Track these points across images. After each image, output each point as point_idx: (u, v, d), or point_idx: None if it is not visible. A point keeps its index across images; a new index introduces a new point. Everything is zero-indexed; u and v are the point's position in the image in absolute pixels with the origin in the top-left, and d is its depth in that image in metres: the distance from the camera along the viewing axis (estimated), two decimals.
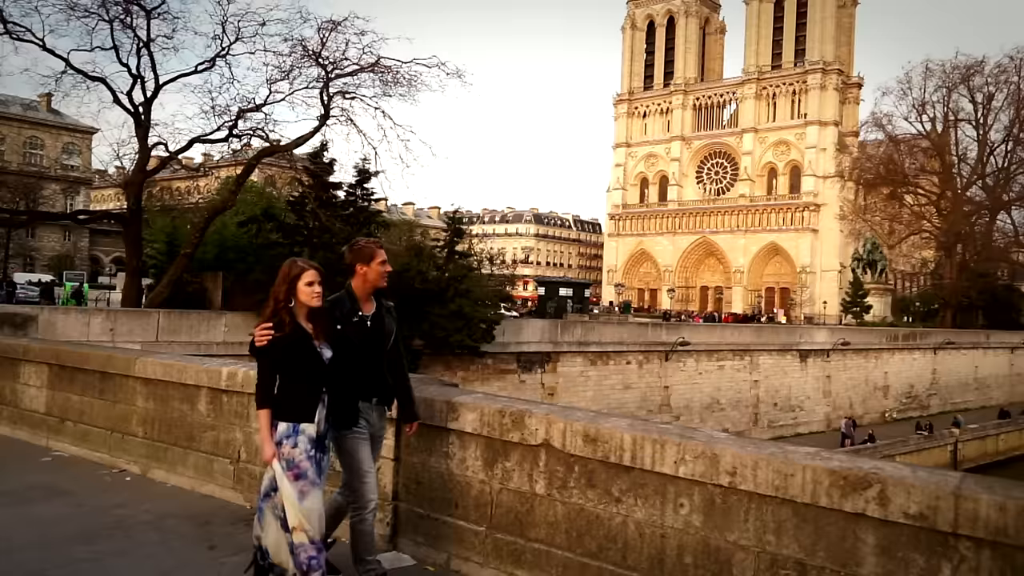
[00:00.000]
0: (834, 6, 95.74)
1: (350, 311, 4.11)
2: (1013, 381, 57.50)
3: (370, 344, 4.15)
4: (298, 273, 3.88)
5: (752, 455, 3.49)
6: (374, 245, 4.28)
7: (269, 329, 3.79)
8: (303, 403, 3.82)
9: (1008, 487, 3.01)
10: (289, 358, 3.81)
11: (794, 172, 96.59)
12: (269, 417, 3.79)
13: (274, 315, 3.82)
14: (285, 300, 3.85)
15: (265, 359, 3.84)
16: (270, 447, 3.76)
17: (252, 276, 21.48)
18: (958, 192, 62.72)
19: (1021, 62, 60.57)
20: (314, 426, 3.83)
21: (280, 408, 3.80)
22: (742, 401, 38.00)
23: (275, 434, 3.76)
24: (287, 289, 3.86)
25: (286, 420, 3.78)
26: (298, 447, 3.75)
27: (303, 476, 3.74)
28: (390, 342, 4.27)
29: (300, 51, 21.13)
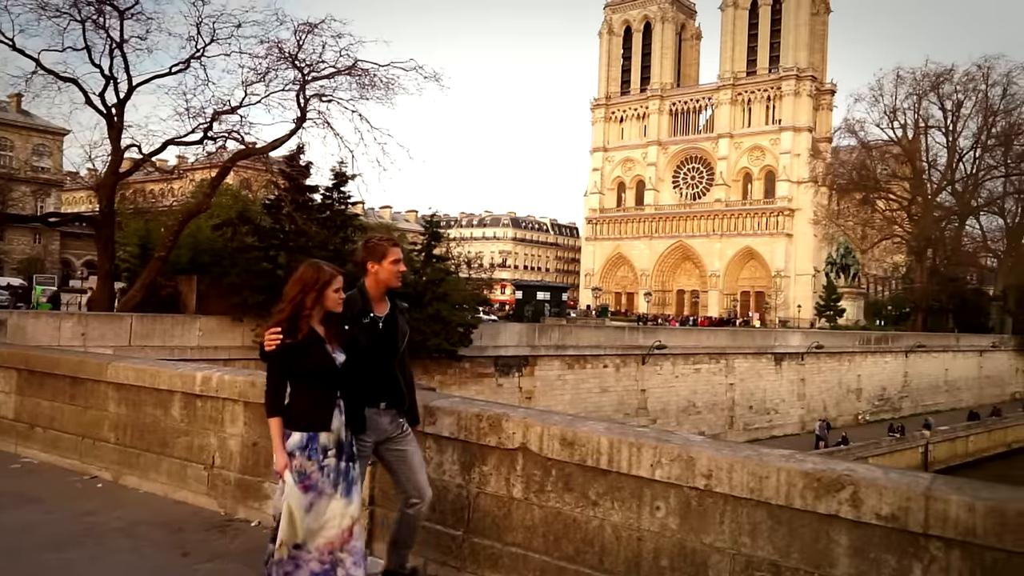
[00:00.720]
0: (807, 14, 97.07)
1: (361, 311, 3.95)
2: (982, 384, 58.52)
3: (381, 346, 3.99)
4: (328, 280, 3.70)
5: (727, 458, 3.52)
6: (387, 243, 4.12)
7: (278, 333, 3.61)
8: (318, 411, 3.65)
9: (977, 488, 3.06)
10: (301, 363, 3.62)
11: (769, 177, 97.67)
12: (280, 426, 3.61)
13: (290, 320, 3.62)
14: (311, 307, 3.66)
15: (275, 364, 3.65)
16: (282, 457, 3.57)
17: (227, 280, 21.27)
18: (928, 198, 63.83)
19: (988, 71, 61.93)
20: (331, 435, 3.65)
21: (293, 417, 3.62)
22: (718, 404, 38.29)
23: (288, 444, 3.59)
24: (316, 296, 3.66)
25: (300, 429, 3.60)
26: (311, 458, 3.57)
27: (313, 487, 3.57)
28: (403, 345, 4.11)
29: (276, 53, 20.99)
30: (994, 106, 62.69)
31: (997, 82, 62.07)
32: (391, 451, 4.06)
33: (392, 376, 4.06)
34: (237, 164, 24.17)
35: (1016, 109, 62.58)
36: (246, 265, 21.18)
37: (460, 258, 33.94)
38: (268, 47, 20.98)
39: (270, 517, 5.29)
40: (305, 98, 21.25)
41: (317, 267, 3.76)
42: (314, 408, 3.63)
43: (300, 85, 21.17)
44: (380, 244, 4.09)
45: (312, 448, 3.57)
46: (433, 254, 27.28)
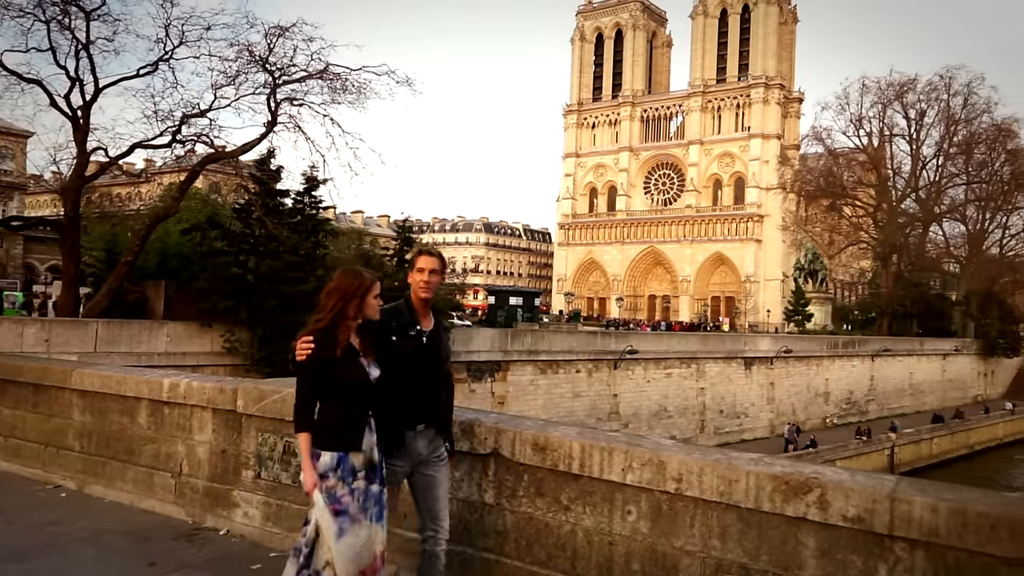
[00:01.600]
0: (775, 23, 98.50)
1: (408, 323, 3.74)
2: (945, 387, 59.70)
3: (423, 362, 3.74)
4: (369, 285, 3.54)
5: (698, 461, 3.56)
6: (417, 252, 3.96)
7: (311, 343, 3.41)
8: (349, 428, 3.44)
9: (940, 489, 3.13)
10: (333, 376, 3.43)
11: (738, 183, 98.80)
12: (309, 442, 3.42)
13: (327, 331, 3.43)
14: (355, 316, 3.49)
15: (306, 376, 3.45)
16: (311, 476, 3.39)
17: (196, 285, 21.00)
18: (893, 204, 65.11)
19: (950, 80, 63.45)
20: (362, 455, 3.45)
21: (323, 434, 3.43)
22: (689, 408, 38.60)
23: (318, 464, 3.40)
24: (359, 304, 3.50)
25: (330, 449, 3.41)
26: (343, 480, 3.40)
27: (344, 512, 3.39)
28: (446, 364, 3.92)
29: (246, 56, 20.76)
30: (956, 115, 64.25)
31: (958, 92, 63.67)
32: (419, 475, 3.83)
33: (434, 395, 3.81)
34: (206, 168, 23.86)
35: (976, 118, 64.20)
36: (215, 270, 20.93)
37: None
38: (238, 50, 20.76)
39: (239, 525, 5.24)
40: (276, 102, 21.06)
41: (356, 273, 3.61)
42: (345, 425, 3.44)
43: (271, 89, 20.97)
44: (416, 253, 3.94)
45: (344, 469, 3.40)
46: (405, 259, 27.18)
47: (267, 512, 5.13)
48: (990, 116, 63.91)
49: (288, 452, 5.05)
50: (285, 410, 5.05)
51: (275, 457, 5.12)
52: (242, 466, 5.35)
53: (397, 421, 3.65)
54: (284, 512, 5.03)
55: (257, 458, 5.23)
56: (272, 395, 5.14)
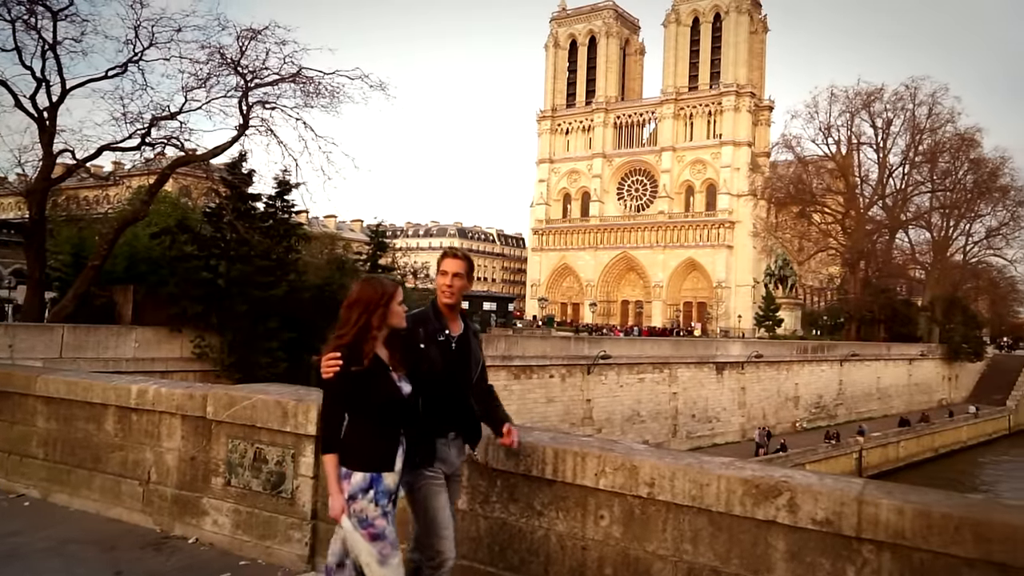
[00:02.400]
0: (746, 32, 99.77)
1: (436, 329, 3.57)
2: (911, 391, 60.70)
3: (454, 370, 3.58)
4: (392, 292, 3.37)
5: (670, 466, 3.58)
6: (443, 253, 3.78)
7: (338, 359, 3.24)
8: (381, 448, 3.26)
9: (906, 491, 3.18)
10: (364, 394, 3.25)
11: (710, 190, 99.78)
12: (337, 463, 3.22)
13: (352, 346, 3.26)
14: (379, 327, 3.31)
15: (333, 394, 3.27)
16: (339, 500, 3.19)
17: (165, 289, 20.73)
18: (861, 212, 66.20)
19: (915, 90, 64.74)
20: (394, 475, 3.28)
21: (352, 454, 3.23)
22: (661, 413, 38.81)
23: (347, 486, 3.20)
24: (383, 313, 3.32)
25: (361, 469, 3.21)
26: (376, 502, 3.20)
27: (381, 536, 3.19)
28: (477, 370, 3.73)
29: (218, 59, 20.54)
30: (921, 124, 65.53)
31: (923, 102, 64.96)
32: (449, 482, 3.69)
33: (465, 404, 3.65)
34: (176, 171, 23.57)
35: (941, 128, 65.50)
36: (185, 274, 20.68)
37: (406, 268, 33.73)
38: (209, 52, 20.53)
39: (209, 533, 5.17)
40: (248, 105, 20.87)
41: (376, 281, 3.44)
42: (377, 444, 3.26)
43: (242, 92, 20.78)
44: (440, 256, 3.77)
45: (378, 491, 3.21)
46: (379, 264, 27.07)
47: (237, 520, 5.07)
48: (954, 126, 65.35)
49: (259, 459, 5.00)
50: (256, 416, 5.00)
51: (246, 464, 5.07)
52: (212, 473, 5.28)
53: (430, 430, 3.50)
54: (255, 520, 4.98)
55: (227, 465, 5.17)
56: (243, 401, 5.09)
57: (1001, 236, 70.84)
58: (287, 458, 4.87)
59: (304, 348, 22.43)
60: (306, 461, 4.79)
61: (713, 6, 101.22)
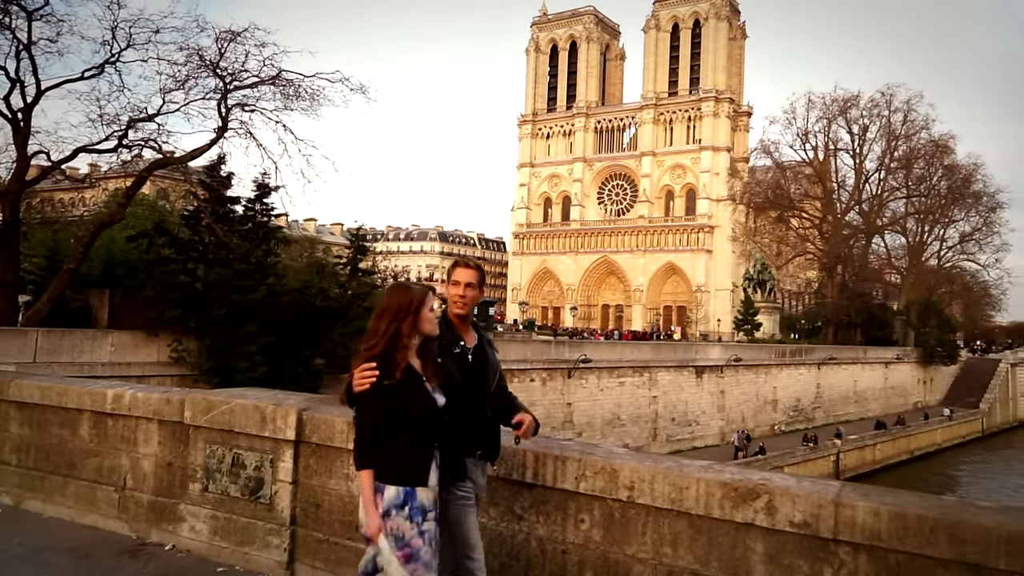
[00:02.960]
0: (725, 38, 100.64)
1: (450, 341, 3.44)
2: (887, 394, 61.41)
3: (473, 383, 3.45)
4: (422, 298, 3.24)
5: (649, 469, 3.60)
6: (454, 263, 3.67)
7: (373, 370, 3.12)
8: (416, 462, 3.14)
9: (882, 494, 3.22)
10: (399, 406, 3.13)
11: (690, 195, 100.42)
12: (372, 480, 3.08)
13: (384, 356, 3.13)
14: (410, 335, 3.19)
15: (368, 407, 3.14)
16: (375, 518, 3.05)
17: (142, 293, 20.51)
18: (838, 217, 66.96)
19: (891, 97, 65.70)
20: (429, 491, 3.15)
21: (385, 467, 3.10)
22: (642, 416, 38.95)
23: (382, 501, 3.07)
24: (413, 321, 3.19)
25: (396, 484, 3.09)
26: (411, 520, 3.07)
27: (416, 557, 3.05)
28: (495, 381, 3.59)
29: (196, 61, 20.35)
30: (896, 131, 66.50)
31: (899, 108, 65.93)
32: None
33: (485, 420, 3.50)
34: (154, 174, 23.33)
35: (915, 134, 66.53)
36: (163, 278, 20.46)
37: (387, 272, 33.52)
38: (188, 54, 20.34)
39: (186, 540, 5.12)
40: (227, 107, 20.70)
41: (405, 288, 3.31)
42: (412, 459, 3.13)
43: (221, 94, 20.61)
44: (452, 265, 3.66)
45: (413, 507, 3.08)
46: (359, 268, 26.93)
47: (215, 526, 5.02)
48: (928, 132, 66.40)
49: (237, 464, 4.95)
50: (234, 421, 4.96)
51: (223, 469, 5.02)
52: (189, 479, 5.23)
53: (459, 446, 3.38)
54: (233, 526, 4.93)
55: (205, 470, 5.12)
56: (221, 406, 5.05)
57: (974, 241, 72.14)
58: (265, 463, 4.83)
59: (283, 352, 22.27)
60: (285, 466, 4.76)
61: (692, 12, 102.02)
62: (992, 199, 69.15)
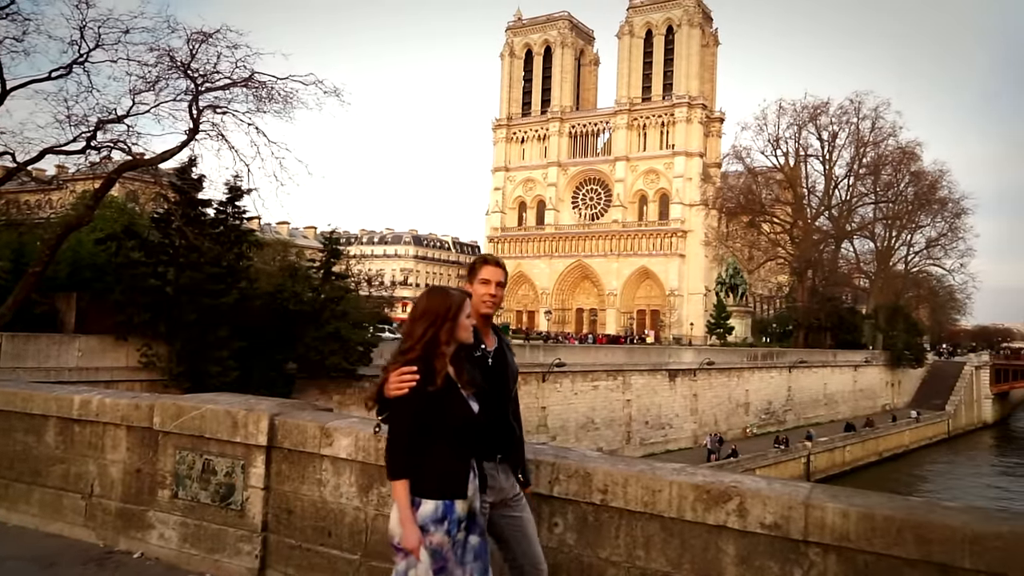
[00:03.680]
0: (698, 45, 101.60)
1: (472, 344, 3.30)
2: (856, 396, 62.29)
3: (494, 387, 3.32)
4: (460, 303, 3.14)
5: (623, 472, 3.62)
6: (478, 261, 3.55)
7: (413, 374, 3.00)
8: (454, 473, 3.03)
9: (850, 495, 3.27)
10: (436, 414, 3.02)
11: (663, 200, 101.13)
12: (407, 491, 2.97)
13: (423, 362, 3.03)
14: (448, 341, 3.08)
15: (404, 414, 3.01)
16: (414, 531, 2.93)
17: (111, 297, 20.21)
18: (808, 222, 67.94)
19: (859, 105, 66.85)
20: (466, 502, 3.04)
21: (423, 479, 2.98)
22: (616, 420, 39.10)
23: (418, 514, 2.96)
24: (451, 327, 3.09)
25: (433, 497, 2.97)
26: (449, 534, 2.97)
27: (444, 571, 2.98)
28: (514, 386, 3.51)
29: (167, 62, 20.09)
30: (864, 138, 67.67)
31: (867, 116, 67.11)
32: (505, 518, 3.37)
33: (507, 424, 3.40)
34: (123, 176, 22.98)
35: (883, 141, 67.76)
36: (132, 282, 20.18)
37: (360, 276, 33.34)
38: (158, 55, 20.08)
39: (155, 547, 5.04)
40: (198, 109, 20.46)
41: (444, 292, 3.19)
42: (450, 469, 3.02)
43: (193, 96, 20.37)
44: (473, 263, 3.54)
45: (451, 520, 2.98)
46: (332, 271, 26.77)
47: (185, 533, 4.95)
48: (895, 139, 67.65)
49: (207, 470, 4.89)
50: (205, 426, 4.90)
51: (193, 476, 4.96)
52: (158, 485, 5.15)
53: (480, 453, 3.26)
54: (203, 532, 4.87)
55: (175, 477, 5.05)
56: (191, 411, 4.98)
57: (940, 247, 73.58)
58: (237, 469, 4.78)
59: (255, 357, 22.06)
60: (256, 472, 4.71)
61: (666, 19, 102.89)
62: (957, 205, 70.68)
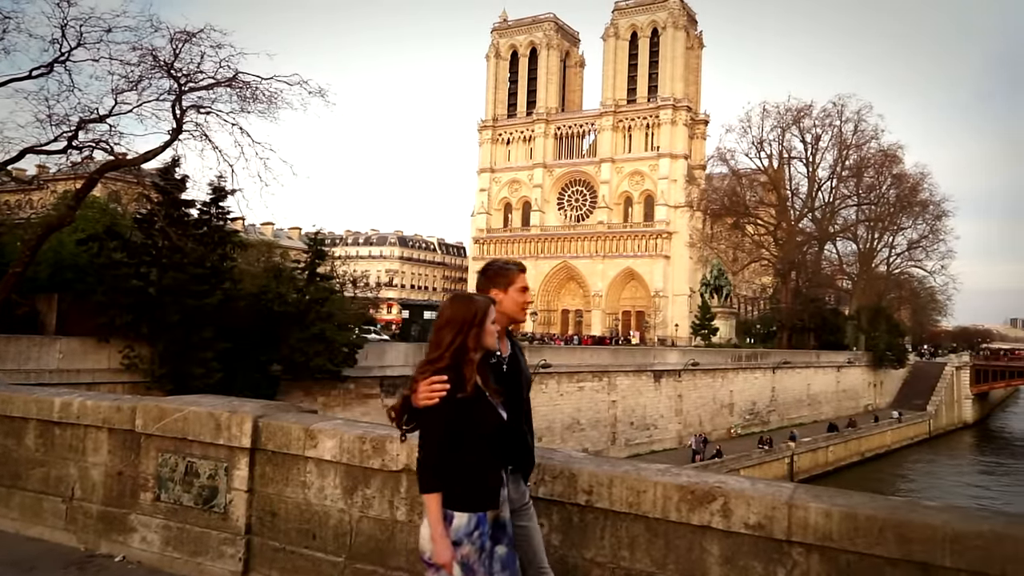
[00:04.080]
0: (683, 48, 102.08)
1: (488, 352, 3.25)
2: (839, 397, 62.75)
3: (509, 394, 3.24)
4: (486, 309, 3.09)
5: (608, 473, 3.62)
6: (513, 268, 3.51)
7: (444, 383, 2.94)
8: (487, 483, 2.98)
9: (833, 495, 3.29)
10: (468, 423, 2.96)
11: (648, 201, 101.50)
12: (440, 504, 2.91)
13: (453, 370, 2.97)
14: (476, 347, 3.03)
15: (436, 424, 2.95)
16: (447, 547, 2.88)
17: (93, 298, 20.00)
18: (792, 224, 68.40)
19: (842, 108, 67.41)
20: (496, 513, 3.01)
21: (456, 492, 2.92)
22: (601, 421, 39.16)
23: (451, 528, 2.90)
24: (478, 333, 3.04)
25: (467, 509, 2.92)
26: (482, 547, 2.92)
27: None
28: (527, 393, 3.44)
29: (150, 61, 19.93)
30: (847, 140, 68.27)
31: (849, 119, 67.69)
32: (515, 526, 3.26)
33: (519, 432, 3.31)
34: (105, 176, 22.78)
35: (865, 144, 68.38)
36: (114, 283, 19.98)
37: (345, 277, 33.21)
38: (141, 54, 19.91)
39: (136, 551, 5.00)
40: (181, 109, 20.32)
41: (468, 299, 3.14)
42: (481, 480, 2.97)
43: (176, 95, 20.22)
44: (506, 269, 3.49)
45: (483, 533, 2.93)
46: (317, 272, 26.65)
47: (167, 536, 4.91)
48: (877, 142, 68.28)
49: (191, 473, 4.86)
50: (188, 428, 4.86)
51: (176, 478, 4.92)
52: (140, 488, 5.11)
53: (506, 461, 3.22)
54: (186, 536, 4.83)
55: (157, 480, 5.01)
56: (174, 413, 4.94)
57: (921, 248, 74.36)
58: (220, 472, 4.75)
59: (239, 358, 21.91)
60: (240, 474, 4.68)
61: (651, 22, 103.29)
62: (938, 207, 71.45)
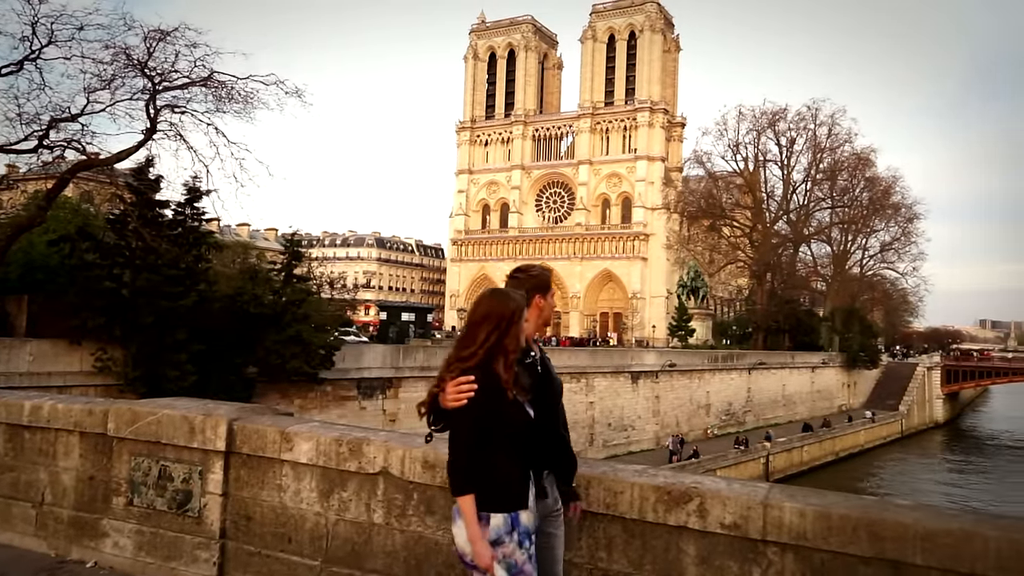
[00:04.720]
0: (660, 51, 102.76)
1: (523, 351, 3.19)
2: (814, 397, 63.45)
3: (544, 394, 3.21)
4: (523, 307, 3.04)
5: (585, 474, 3.63)
6: (550, 277, 3.53)
7: (472, 383, 2.89)
8: (516, 483, 2.94)
9: (807, 495, 3.33)
10: (498, 422, 2.91)
11: (626, 203, 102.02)
12: (475, 506, 2.87)
13: (483, 368, 2.91)
14: (512, 347, 2.97)
15: (467, 423, 2.90)
16: (486, 548, 2.84)
17: (65, 300, 19.71)
18: (767, 226, 69.05)
19: (816, 111, 68.18)
20: (529, 513, 2.96)
21: (489, 493, 2.89)
22: (579, 422, 39.23)
23: (487, 530, 2.87)
24: (516, 331, 2.98)
25: (500, 510, 2.89)
26: (521, 545, 2.89)
27: None
28: (560, 395, 3.44)
29: (123, 60, 19.69)
30: (821, 144, 69.04)
31: (824, 122, 68.46)
32: (541, 532, 3.20)
33: (557, 435, 3.30)
34: (77, 176, 22.46)
35: (839, 147, 69.20)
36: (86, 284, 19.70)
37: (322, 278, 32.99)
38: (114, 53, 19.66)
39: (109, 556, 4.92)
40: (155, 108, 20.10)
41: (506, 295, 3.07)
42: (512, 480, 2.93)
43: (150, 94, 20.00)
44: (547, 276, 3.51)
45: (520, 531, 2.89)
46: (294, 274, 26.47)
47: (140, 541, 4.85)
48: (851, 146, 69.13)
49: (164, 476, 4.79)
50: (161, 432, 4.80)
51: (149, 482, 4.85)
52: (113, 493, 5.03)
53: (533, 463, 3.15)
54: (159, 540, 4.77)
55: (130, 484, 4.94)
56: (147, 416, 4.88)
57: (893, 250, 75.47)
58: (194, 475, 4.69)
59: (214, 360, 21.69)
60: (214, 478, 4.63)
61: (628, 24, 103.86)
62: (910, 210, 72.54)
